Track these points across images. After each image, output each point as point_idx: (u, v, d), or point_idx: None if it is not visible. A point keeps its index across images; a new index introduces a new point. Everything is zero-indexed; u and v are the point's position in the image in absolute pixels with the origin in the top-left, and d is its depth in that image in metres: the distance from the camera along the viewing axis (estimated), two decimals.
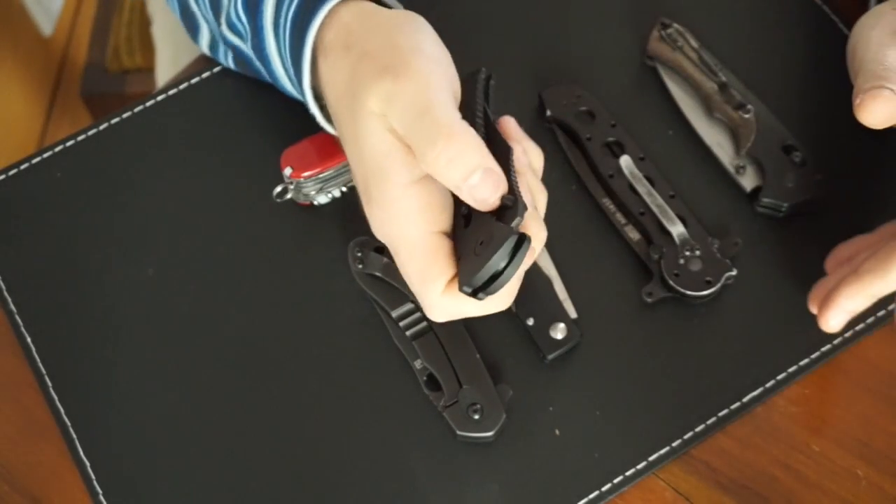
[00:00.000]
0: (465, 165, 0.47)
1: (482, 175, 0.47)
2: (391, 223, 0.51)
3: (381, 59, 0.50)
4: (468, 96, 0.54)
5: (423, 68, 0.49)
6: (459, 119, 0.48)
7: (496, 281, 0.48)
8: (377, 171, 0.50)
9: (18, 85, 1.44)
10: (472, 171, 0.47)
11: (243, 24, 0.61)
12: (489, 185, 0.47)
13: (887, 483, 0.58)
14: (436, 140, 0.47)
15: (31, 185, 0.68)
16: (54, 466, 0.61)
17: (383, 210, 0.51)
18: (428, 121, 0.47)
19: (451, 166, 0.47)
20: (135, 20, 1.45)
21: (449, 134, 0.47)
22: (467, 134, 0.48)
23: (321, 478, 0.59)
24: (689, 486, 0.59)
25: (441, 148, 0.47)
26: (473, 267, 0.48)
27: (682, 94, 0.68)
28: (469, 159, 0.47)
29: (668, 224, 0.63)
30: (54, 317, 0.64)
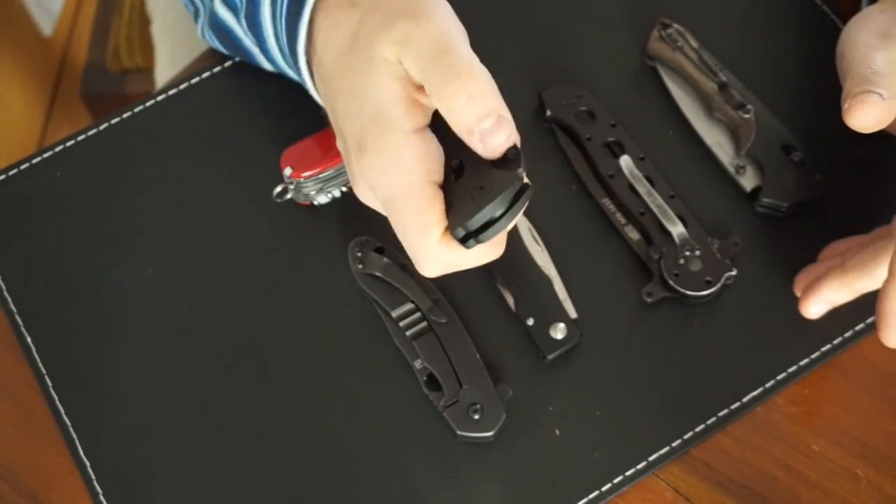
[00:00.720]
0: (484, 106, 0.47)
1: (497, 119, 0.47)
2: (390, 171, 0.50)
3: (394, 7, 0.49)
4: None
5: (441, 12, 0.49)
6: (478, 61, 0.48)
7: (490, 228, 0.48)
8: (378, 119, 0.50)
9: (18, 85, 1.44)
10: (488, 114, 0.47)
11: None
12: (502, 131, 0.47)
13: (887, 483, 0.58)
14: (458, 75, 0.47)
15: (31, 185, 0.68)
16: (54, 466, 0.61)
17: (383, 157, 0.50)
18: (452, 57, 0.47)
19: (470, 105, 0.46)
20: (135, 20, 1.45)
21: (471, 72, 0.47)
22: (488, 77, 0.47)
23: (321, 478, 0.59)
24: (688, 486, 0.59)
25: (463, 83, 0.47)
26: (469, 211, 0.47)
27: (682, 94, 0.68)
28: (488, 101, 0.47)
29: (668, 224, 0.63)
30: (54, 317, 0.64)
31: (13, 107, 1.41)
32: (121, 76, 1.45)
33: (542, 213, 0.64)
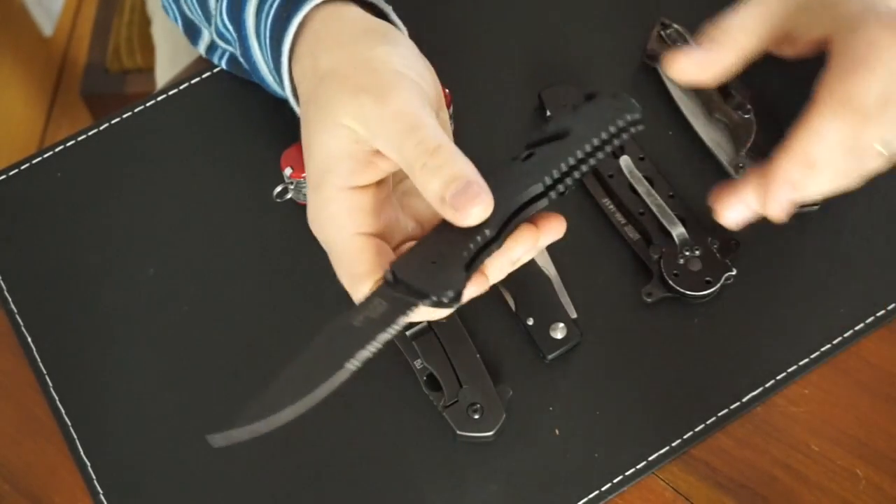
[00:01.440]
0: (449, 173, 0.47)
1: (465, 184, 0.47)
2: (323, 224, 0.51)
3: (355, 80, 0.50)
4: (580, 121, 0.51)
5: (405, 91, 0.49)
6: (446, 136, 0.48)
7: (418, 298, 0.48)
8: (321, 172, 0.51)
9: (18, 85, 1.44)
10: (453, 180, 0.47)
11: (230, 32, 0.62)
12: (466, 196, 0.46)
13: (887, 483, 0.58)
14: (424, 152, 0.47)
15: (31, 185, 0.68)
16: (55, 466, 0.61)
17: (317, 210, 0.51)
18: (419, 136, 0.47)
19: (437, 175, 0.47)
20: (135, 20, 1.45)
21: (437, 146, 0.47)
22: (455, 149, 0.48)
23: (321, 478, 0.59)
24: (688, 485, 0.59)
25: (429, 159, 0.47)
26: (414, 271, 0.47)
27: (682, 94, 0.68)
28: (453, 168, 0.47)
29: (667, 224, 0.63)
30: (54, 317, 0.64)
31: (13, 107, 1.42)
32: (121, 76, 1.46)
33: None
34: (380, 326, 0.47)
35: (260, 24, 0.57)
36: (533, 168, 0.49)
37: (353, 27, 0.53)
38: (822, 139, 0.51)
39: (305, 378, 0.47)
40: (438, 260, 0.48)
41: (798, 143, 0.52)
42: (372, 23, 0.54)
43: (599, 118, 0.49)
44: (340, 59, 0.51)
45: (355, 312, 0.48)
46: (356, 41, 0.52)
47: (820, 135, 0.51)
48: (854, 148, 0.53)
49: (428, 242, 0.49)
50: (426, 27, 0.55)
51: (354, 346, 0.47)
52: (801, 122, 0.52)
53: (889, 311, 0.62)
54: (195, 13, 0.66)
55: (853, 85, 0.51)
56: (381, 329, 0.47)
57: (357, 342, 0.47)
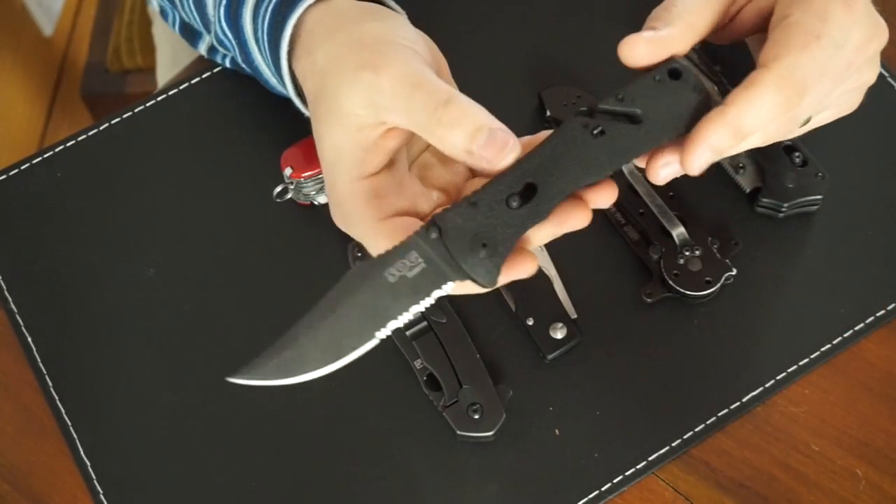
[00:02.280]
0: (470, 125, 0.46)
1: (489, 133, 0.46)
2: (346, 219, 0.51)
3: (351, 60, 0.50)
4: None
5: (401, 55, 0.49)
6: (453, 88, 0.48)
7: None
8: (330, 168, 0.51)
9: (19, 85, 1.44)
10: (477, 132, 0.46)
11: (229, 39, 0.62)
12: (495, 145, 0.46)
13: (887, 483, 0.58)
14: (436, 106, 0.46)
15: (31, 185, 0.68)
16: (55, 466, 0.61)
17: (336, 207, 0.51)
18: (425, 91, 0.47)
19: (457, 128, 0.46)
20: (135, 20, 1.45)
21: (447, 99, 0.46)
22: (467, 99, 0.47)
23: (321, 477, 0.59)
24: (688, 485, 0.59)
25: (441, 113, 0.46)
26: (458, 239, 0.46)
27: None
28: (472, 119, 0.46)
29: (667, 224, 0.63)
30: (54, 317, 0.64)
31: (13, 107, 1.42)
32: (121, 76, 1.45)
33: None
34: (413, 296, 0.47)
35: (257, 28, 0.58)
36: (601, 152, 0.47)
37: (343, 16, 0.53)
38: (758, 111, 0.49)
39: (333, 342, 0.46)
40: (484, 231, 0.46)
41: (733, 112, 0.49)
42: (362, 6, 0.54)
43: (675, 108, 0.48)
44: (334, 47, 0.52)
45: (391, 259, 0.47)
46: (346, 26, 0.52)
47: (757, 107, 0.49)
48: (785, 119, 0.51)
49: (478, 203, 0.47)
50: (426, 27, 0.55)
51: (386, 315, 0.46)
52: (741, 92, 0.49)
53: (889, 311, 0.62)
54: (193, 19, 0.66)
55: (799, 58, 0.49)
56: (414, 300, 0.47)
57: (390, 310, 0.46)
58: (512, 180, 0.47)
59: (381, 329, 0.47)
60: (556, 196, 0.47)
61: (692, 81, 0.49)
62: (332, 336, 0.47)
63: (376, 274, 0.47)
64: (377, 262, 0.47)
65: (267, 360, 0.47)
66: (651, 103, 0.48)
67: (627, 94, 0.48)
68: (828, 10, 0.50)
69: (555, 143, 0.47)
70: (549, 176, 0.47)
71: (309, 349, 0.47)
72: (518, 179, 0.47)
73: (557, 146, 0.47)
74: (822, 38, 0.50)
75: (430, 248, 0.47)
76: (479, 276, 0.47)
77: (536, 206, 0.47)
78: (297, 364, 0.47)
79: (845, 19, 0.50)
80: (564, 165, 0.47)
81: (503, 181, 0.47)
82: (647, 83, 0.49)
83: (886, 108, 0.68)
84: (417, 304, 0.47)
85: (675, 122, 0.49)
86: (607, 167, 0.48)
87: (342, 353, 0.46)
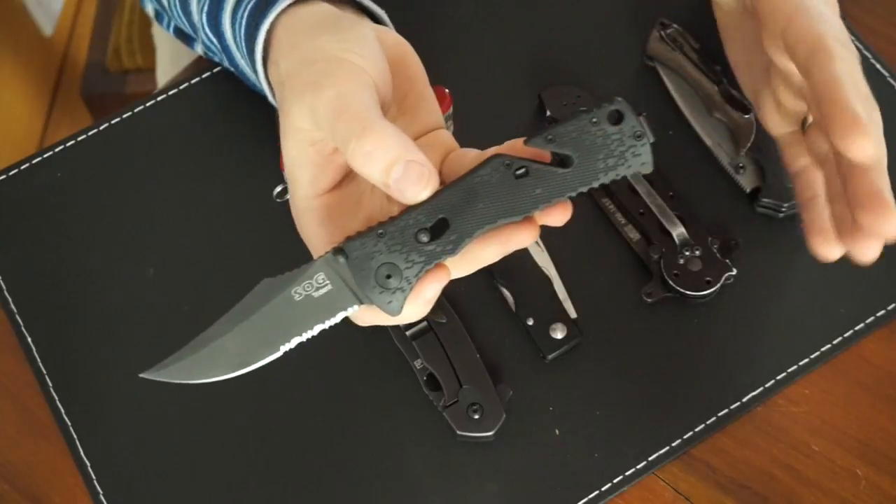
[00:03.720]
0: (385, 158, 0.45)
1: (404, 167, 0.45)
2: (305, 236, 0.52)
3: (301, 77, 0.50)
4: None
5: (341, 76, 0.48)
6: (380, 116, 0.47)
7: None
8: (290, 184, 0.51)
9: (18, 85, 1.44)
10: (392, 164, 0.45)
11: (214, 44, 0.62)
12: (411, 177, 0.45)
13: (887, 483, 0.58)
14: (351, 137, 0.46)
15: (31, 185, 0.68)
16: (54, 466, 0.61)
17: (297, 224, 0.52)
18: (345, 119, 0.47)
19: (370, 161, 0.45)
20: (135, 20, 1.45)
21: (363, 128, 0.46)
22: (386, 128, 0.46)
23: (321, 478, 0.59)
24: (688, 485, 0.59)
25: (356, 144, 0.46)
26: (363, 265, 0.46)
27: (682, 94, 0.68)
28: (387, 152, 0.45)
29: (667, 224, 0.63)
30: (54, 317, 0.64)
31: (13, 107, 1.41)
32: (121, 76, 1.46)
33: None
34: (318, 315, 0.47)
35: (236, 34, 0.58)
36: (521, 194, 0.46)
37: (305, 24, 0.53)
38: (851, 67, 0.50)
39: (240, 350, 0.48)
40: (390, 262, 0.46)
41: (845, 80, 0.49)
42: (324, 15, 0.53)
43: (606, 155, 0.46)
44: (291, 60, 0.52)
45: (298, 279, 0.48)
46: (303, 41, 0.52)
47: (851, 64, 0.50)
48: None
49: (386, 235, 0.46)
50: (426, 27, 0.55)
51: (291, 331, 0.48)
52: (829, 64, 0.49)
53: (889, 311, 0.62)
54: (185, 26, 0.67)
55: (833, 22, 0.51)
56: (318, 319, 0.47)
57: (295, 326, 0.48)
58: (423, 214, 0.46)
59: (286, 343, 0.48)
60: (469, 233, 0.46)
61: (633, 126, 0.46)
62: (240, 345, 0.48)
63: (283, 291, 0.48)
64: (285, 279, 0.48)
65: (177, 361, 0.49)
66: (584, 147, 0.46)
67: (558, 135, 0.46)
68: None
69: (473, 181, 0.46)
70: (463, 213, 0.46)
71: (217, 355, 0.48)
72: (430, 214, 0.46)
73: (476, 184, 0.46)
74: None
75: (336, 272, 0.47)
76: (383, 304, 0.46)
77: (447, 242, 0.46)
78: (204, 367, 0.48)
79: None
80: (480, 204, 0.46)
81: (414, 214, 0.46)
82: (583, 125, 0.46)
83: (886, 108, 0.68)
84: (322, 322, 0.47)
85: (609, 169, 0.46)
86: (527, 208, 0.46)
87: (247, 361, 0.48)
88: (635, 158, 0.46)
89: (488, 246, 0.48)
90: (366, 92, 0.48)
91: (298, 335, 0.48)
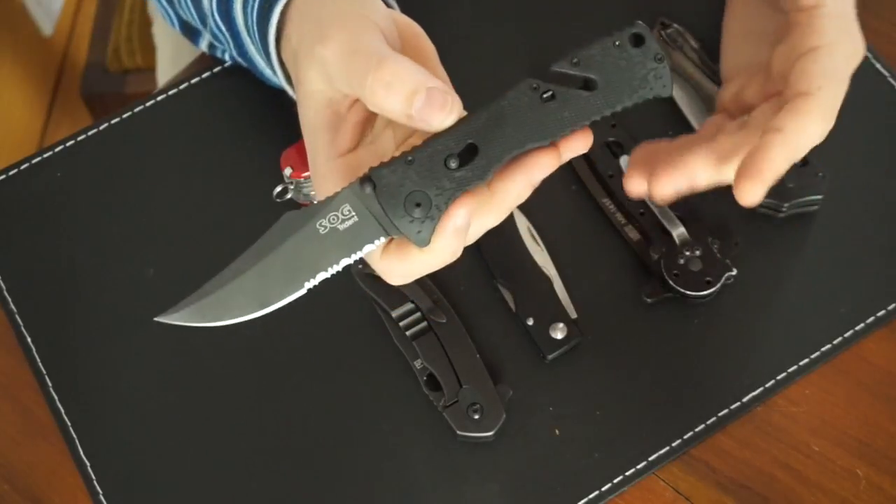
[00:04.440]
0: (405, 88, 0.45)
1: (426, 96, 0.45)
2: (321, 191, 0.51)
3: (310, 36, 0.50)
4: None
5: (347, 25, 0.48)
6: (391, 51, 0.47)
7: None
8: (309, 149, 0.51)
9: (18, 85, 1.43)
10: (413, 93, 0.45)
11: (223, 32, 0.62)
12: (435, 104, 0.45)
13: (887, 483, 0.58)
14: (367, 72, 0.45)
15: (31, 185, 0.68)
16: (54, 466, 0.61)
17: (318, 187, 0.51)
18: (357, 58, 0.46)
19: (390, 92, 0.45)
20: (135, 20, 1.45)
21: (379, 61, 0.45)
22: (401, 59, 0.46)
23: (321, 477, 0.59)
24: (688, 485, 0.59)
25: (373, 77, 0.45)
26: (392, 194, 0.45)
27: (682, 94, 0.68)
28: (406, 81, 0.45)
29: (667, 224, 0.63)
30: (54, 317, 0.64)
31: (13, 107, 1.41)
32: (121, 76, 1.45)
33: (542, 213, 0.64)
34: (343, 249, 0.46)
35: (247, 18, 0.58)
36: (548, 117, 0.46)
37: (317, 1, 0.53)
38: (809, 137, 0.51)
39: (260, 288, 0.46)
40: (419, 190, 0.45)
41: (792, 138, 0.51)
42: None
43: (634, 76, 0.47)
44: (302, 30, 0.52)
45: (323, 210, 0.46)
46: (314, 9, 0.52)
47: (809, 133, 0.51)
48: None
49: (415, 161, 0.46)
50: (426, 26, 0.55)
51: (316, 266, 0.46)
52: (793, 119, 0.51)
53: (889, 311, 0.62)
54: (191, 16, 0.67)
55: (838, 89, 0.52)
56: (344, 253, 0.46)
57: (320, 260, 0.46)
58: (452, 140, 0.45)
59: (310, 279, 0.46)
60: (498, 158, 0.46)
61: (654, 49, 0.47)
62: (259, 284, 0.46)
63: (307, 224, 0.46)
64: (309, 211, 0.46)
65: (192, 303, 0.47)
66: (608, 69, 0.47)
67: (583, 58, 0.46)
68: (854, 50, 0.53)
69: (501, 104, 0.46)
70: (491, 138, 0.46)
71: (236, 294, 0.46)
72: (459, 139, 0.45)
73: (503, 107, 0.46)
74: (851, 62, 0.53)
75: (363, 203, 0.46)
76: (412, 234, 0.46)
77: (476, 167, 0.46)
78: (222, 308, 0.47)
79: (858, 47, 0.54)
80: (508, 128, 0.46)
81: (443, 140, 0.45)
82: (606, 47, 0.47)
83: (886, 108, 0.68)
84: (348, 256, 0.46)
85: (632, 91, 0.47)
86: (555, 132, 0.46)
87: (268, 301, 0.46)
88: (657, 81, 0.47)
89: (515, 180, 0.47)
90: (374, 34, 0.48)
91: (324, 270, 0.46)
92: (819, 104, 0.51)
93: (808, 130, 0.51)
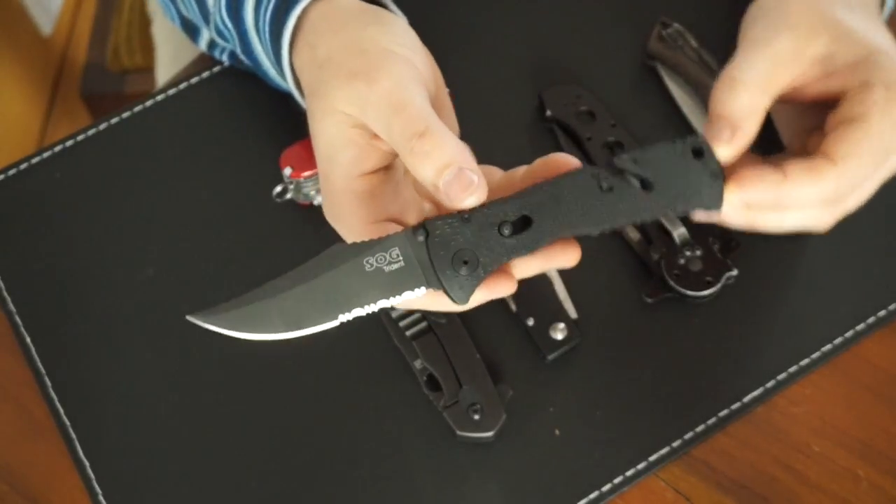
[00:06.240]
0: (439, 161, 0.46)
1: (457, 172, 0.46)
2: (336, 215, 0.51)
3: (348, 65, 0.50)
4: None
5: (395, 70, 0.49)
6: (437, 118, 0.48)
7: None
8: (325, 161, 0.51)
9: (18, 85, 1.44)
10: (445, 167, 0.46)
11: (229, 30, 0.62)
12: (461, 183, 0.46)
13: (888, 483, 0.58)
14: (412, 135, 0.47)
15: (31, 185, 0.68)
16: (54, 466, 0.61)
17: (329, 201, 0.51)
18: (405, 117, 0.47)
19: (427, 161, 0.46)
20: (135, 20, 1.45)
21: (425, 129, 0.47)
22: (446, 132, 0.47)
23: (321, 477, 0.59)
24: (689, 486, 0.59)
25: (418, 142, 0.47)
26: (442, 249, 0.47)
27: (682, 94, 0.68)
28: (444, 153, 0.46)
29: (668, 224, 0.63)
30: (53, 317, 0.64)
31: (12, 107, 1.41)
32: (121, 76, 1.46)
33: None
34: (385, 291, 0.47)
35: (259, 18, 0.58)
36: (605, 208, 0.47)
37: (347, 13, 0.54)
38: (808, 194, 0.50)
39: (296, 311, 0.47)
40: (469, 248, 0.47)
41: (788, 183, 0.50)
42: (364, 7, 0.54)
43: (685, 185, 0.48)
44: (334, 45, 0.52)
45: (373, 249, 0.47)
46: (348, 25, 0.52)
47: (809, 190, 0.50)
48: (816, 213, 0.53)
49: (471, 220, 0.47)
50: (427, 27, 0.55)
51: (354, 301, 0.47)
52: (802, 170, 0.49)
53: (889, 311, 0.62)
54: (193, 13, 0.67)
55: (865, 170, 0.51)
56: (384, 294, 0.47)
57: (359, 296, 0.47)
58: (510, 208, 0.47)
59: (345, 313, 0.47)
60: (548, 235, 0.47)
61: (712, 166, 0.49)
62: (296, 306, 0.47)
63: (354, 259, 0.47)
64: (359, 247, 0.47)
65: (229, 310, 0.47)
66: (666, 174, 0.48)
67: (644, 159, 0.48)
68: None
69: (562, 185, 0.47)
70: (547, 215, 0.47)
71: (272, 312, 0.47)
72: (516, 209, 0.47)
73: (564, 189, 0.47)
74: (891, 158, 0.51)
75: (412, 250, 0.47)
76: (454, 290, 0.47)
77: (527, 239, 0.47)
78: (256, 322, 0.47)
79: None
80: (565, 210, 0.47)
81: (502, 207, 0.47)
82: (668, 152, 0.48)
83: None
84: (387, 299, 0.47)
85: (686, 199, 0.48)
86: (607, 223, 0.48)
87: (301, 325, 0.47)
88: (710, 194, 0.49)
89: (531, 261, 0.49)
90: (420, 88, 0.49)
91: (360, 307, 0.47)
92: (836, 175, 0.49)
93: (809, 188, 0.50)
